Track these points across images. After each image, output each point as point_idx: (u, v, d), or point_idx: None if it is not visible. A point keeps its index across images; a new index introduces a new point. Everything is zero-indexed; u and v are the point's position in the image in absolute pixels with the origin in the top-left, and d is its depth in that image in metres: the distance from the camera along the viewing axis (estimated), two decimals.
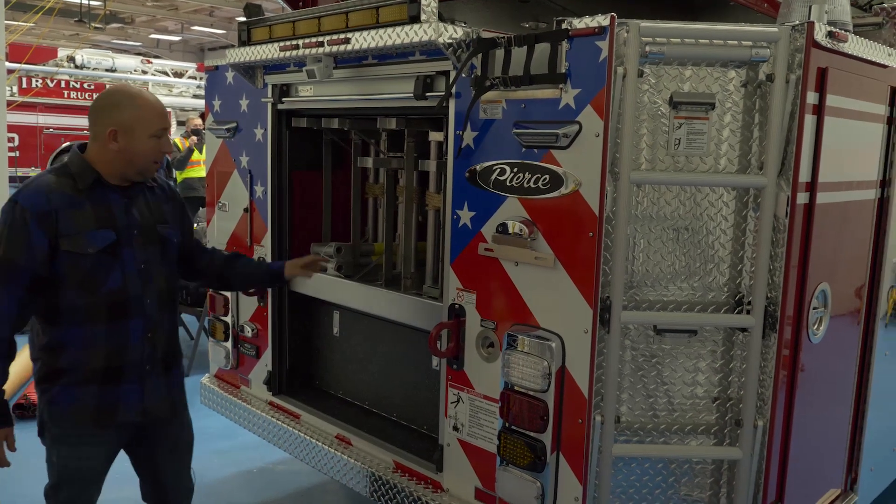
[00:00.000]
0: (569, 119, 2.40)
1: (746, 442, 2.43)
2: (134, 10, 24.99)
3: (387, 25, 2.77)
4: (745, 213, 2.43)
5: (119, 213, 2.54)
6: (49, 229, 2.40)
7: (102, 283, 2.49)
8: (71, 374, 2.52)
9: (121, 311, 2.53)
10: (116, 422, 2.60)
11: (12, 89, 15.98)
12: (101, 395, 2.55)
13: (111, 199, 2.53)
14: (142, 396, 2.62)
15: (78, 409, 2.54)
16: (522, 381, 2.56)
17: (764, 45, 2.29)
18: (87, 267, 2.46)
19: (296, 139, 3.76)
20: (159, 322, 2.65)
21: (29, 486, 4.37)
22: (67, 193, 2.45)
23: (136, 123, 2.49)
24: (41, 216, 2.39)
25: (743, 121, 2.39)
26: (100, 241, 2.47)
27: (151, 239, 2.63)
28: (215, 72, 4.01)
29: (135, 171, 2.56)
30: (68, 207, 2.43)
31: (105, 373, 2.54)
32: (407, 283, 3.44)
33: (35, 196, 2.42)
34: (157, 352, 2.66)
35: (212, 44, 31.39)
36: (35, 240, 2.39)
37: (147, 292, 2.59)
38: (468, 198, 2.74)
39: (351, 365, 3.78)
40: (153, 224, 2.64)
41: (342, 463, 3.37)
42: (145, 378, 2.63)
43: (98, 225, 2.48)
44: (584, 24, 2.34)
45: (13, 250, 2.39)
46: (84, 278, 2.46)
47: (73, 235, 2.43)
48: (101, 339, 2.52)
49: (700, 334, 2.48)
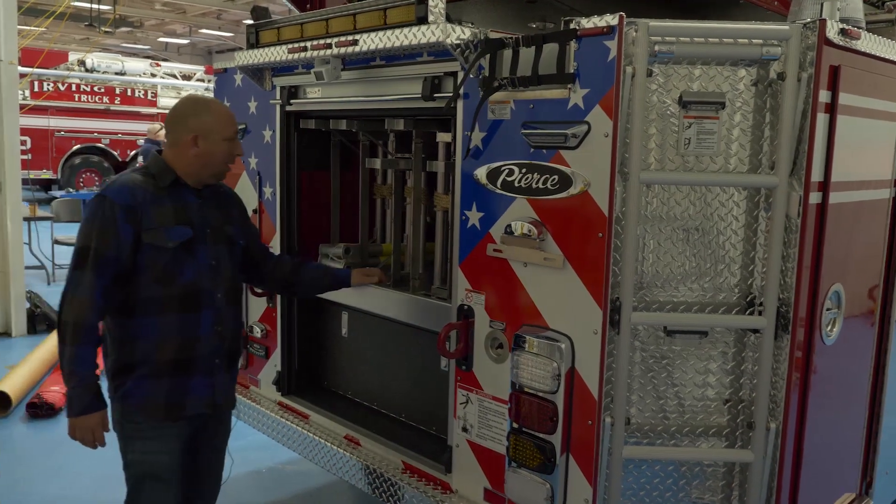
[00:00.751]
0: (577, 119, 2.39)
1: (759, 444, 2.41)
2: (143, 14, 25.14)
3: (394, 27, 2.76)
4: (757, 213, 2.41)
5: (194, 212, 2.71)
6: (134, 222, 2.56)
7: (178, 276, 2.64)
8: (143, 367, 2.63)
9: (193, 303, 2.67)
10: (187, 414, 2.72)
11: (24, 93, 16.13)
12: (172, 387, 2.67)
13: (187, 198, 2.72)
14: (212, 389, 2.77)
15: (150, 403, 2.65)
16: (532, 382, 2.55)
17: (775, 44, 2.27)
18: (166, 260, 2.61)
19: (304, 141, 3.76)
20: (227, 316, 2.79)
21: (39, 486, 4.40)
22: (150, 190, 2.63)
23: (213, 128, 2.68)
24: (128, 210, 2.55)
25: (753, 120, 2.37)
26: (178, 236, 2.63)
27: (221, 238, 2.80)
28: (224, 74, 4.02)
29: (210, 173, 2.75)
30: (151, 203, 2.61)
31: (176, 365, 2.66)
32: (415, 284, 3.44)
33: (122, 191, 2.59)
34: (224, 346, 2.79)
35: (219, 46, 31.54)
36: (122, 232, 2.54)
37: (217, 287, 2.74)
38: (476, 198, 2.73)
39: (360, 366, 3.78)
40: (222, 225, 2.83)
41: (351, 463, 3.37)
42: (215, 371, 2.77)
43: (177, 221, 2.65)
44: (593, 24, 2.32)
45: (103, 243, 2.53)
46: (162, 271, 2.61)
47: (154, 229, 2.59)
48: (173, 330, 2.64)
49: (711, 335, 2.45)
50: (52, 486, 4.41)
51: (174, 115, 2.74)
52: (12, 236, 7.26)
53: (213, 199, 2.83)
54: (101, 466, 4.47)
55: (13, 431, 5.16)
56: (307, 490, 4.46)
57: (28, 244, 8.97)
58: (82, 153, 18.43)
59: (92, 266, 2.52)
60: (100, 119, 18.43)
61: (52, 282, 9.73)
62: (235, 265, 2.89)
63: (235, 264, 2.89)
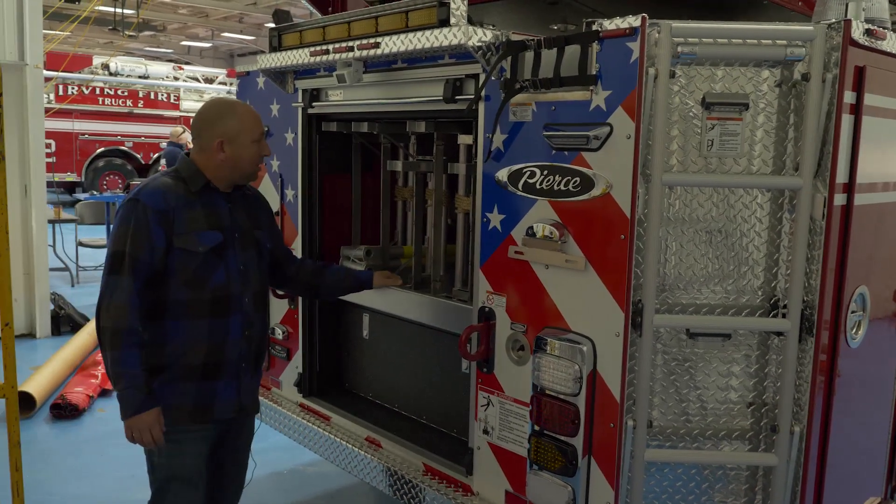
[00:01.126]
0: (599, 121, 2.38)
1: (783, 448, 2.39)
2: (166, 18, 25.41)
3: (416, 29, 2.78)
4: (781, 214, 2.39)
5: (224, 217, 2.72)
6: (167, 226, 2.58)
7: (208, 280, 2.65)
8: (172, 370, 2.64)
9: (222, 308, 2.68)
10: (213, 418, 2.73)
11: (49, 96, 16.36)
12: (199, 391, 2.68)
13: (218, 203, 2.72)
14: (238, 393, 2.78)
15: (177, 406, 2.65)
16: (553, 384, 2.54)
17: (799, 44, 2.25)
18: (196, 264, 2.62)
19: (326, 143, 3.79)
20: (255, 321, 2.80)
21: (62, 486, 4.46)
22: (182, 195, 2.65)
23: (240, 131, 2.68)
24: (160, 213, 2.57)
25: (777, 121, 2.35)
26: (209, 240, 2.65)
27: (250, 242, 2.81)
28: (246, 77, 4.06)
29: (240, 175, 2.74)
30: (183, 207, 2.62)
31: (204, 369, 2.67)
32: (436, 286, 3.44)
33: (155, 195, 2.61)
34: (252, 350, 2.81)
35: (241, 50, 31.79)
36: (155, 236, 2.56)
37: (245, 291, 2.75)
38: (498, 201, 2.74)
39: (381, 367, 3.80)
40: (251, 228, 2.83)
41: (372, 465, 3.38)
42: (241, 375, 2.77)
43: (208, 226, 2.66)
44: (615, 26, 2.32)
45: (137, 246, 2.55)
46: (192, 274, 2.62)
47: (186, 234, 2.60)
48: (202, 334, 2.65)
49: (734, 338, 2.44)
50: (75, 486, 4.46)
51: (199, 120, 2.74)
52: (37, 238, 7.35)
53: (242, 202, 2.84)
54: (124, 468, 4.54)
55: (37, 432, 5.22)
56: (328, 492, 4.48)
57: (52, 246, 9.09)
58: (106, 156, 18.65)
59: (128, 270, 2.53)
60: (123, 122, 18.65)
61: (77, 283, 9.85)
62: (263, 270, 2.89)
63: (263, 269, 2.89)
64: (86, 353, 6.58)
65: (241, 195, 2.85)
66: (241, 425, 2.93)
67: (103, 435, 5.10)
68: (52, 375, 5.93)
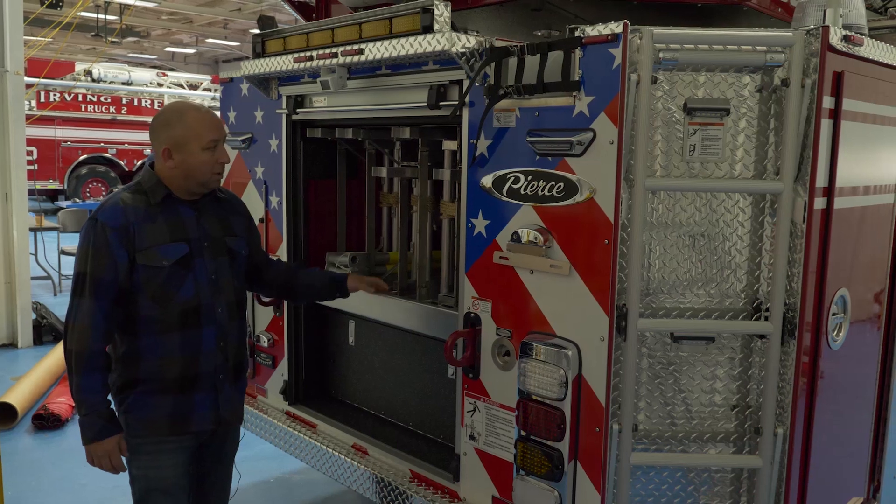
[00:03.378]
0: (583, 126, 2.40)
1: (766, 450, 2.41)
2: (149, 24, 25.27)
3: (400, 36, 2.78)
4: (762, 218, 2.41)
5: (190, 226, 2.63)
6: (127, 243, 2.50)
7: (176, 294, 2.57)
8: (147, 384, 2.59)
9: (194, 320, 2.61)
10: (191, 430, 2.67)
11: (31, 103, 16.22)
12: (176, 404, 2.62)
13: (182, 212, 2.63)
14: (217, 405, 2.70)
15: (153, 418, 2.61)
16: (539, 389, 2.55)
17: (779, 50, 2.28)
18: (162, 278, 2.55)
19: (310, 150, 3.78)
20: (229, 331, 2.72)
21: (45, 497, 4.40)
22: (142, 208, 2.56)
23: (188, 138, 2.56)
24: (119, 231, 2.50)
25: (758, 126, 2.38)
26: (173, 253, 2.56)
27: (220, 251, 2.71)
28: (230, 84, 4.05)
29: (196, 183, 2.63)
30: (143, 222, 2.54)
31: (180, 382, 2.61)
32: (422, 292, 3.44)
33: (113, 212, 2.53)
34: (229, 361, 2.73)
35: (226, 56, 31.68)
36: (116, 254, 2.49)
37: (218, 301, 2.67)
38: (482, 206, 2.74)
39: (367, 374, 3.79)
40: (222, 236, 2.73)
41: (358, 472, 3.37)
42: (219, 387, 2.70)
43: (171, 238, 2.57)
44: (598, 32, 2.34)
45: (99, 267, 2.49)
46: (158, 290, 2.55)
47: (147, 249, 2.53)
48: (175, 348, 2.59)
49: (718, 341, 2.46)
50: (58, 498, 4.41)
51: (151, 125, 2.65)
52: (18, 247, 7.28)
53: (213, 209, 2.74)
54: (107, 478, 4.40)
55: (19, 443, 5.15)
56: (315, 499, 4.45)
57: (34, 255, 9.00)
58: (89, 163, 18.50)
59: (90, 292, 2.48)
60: (106, 129, 18.52)
61: (59, 292, 9.76)
62: (238, 277, 2.80)
63: (238, 276, 2.80)
64: None
65: (211, 201, 2.74)
66: (224, 436, 2.86)
67: None
68: (34, 386, 5.86)
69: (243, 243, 2.83)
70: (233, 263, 2.76)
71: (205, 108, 2.69)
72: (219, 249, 2.70)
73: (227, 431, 2.86)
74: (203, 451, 2.81)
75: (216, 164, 2.63)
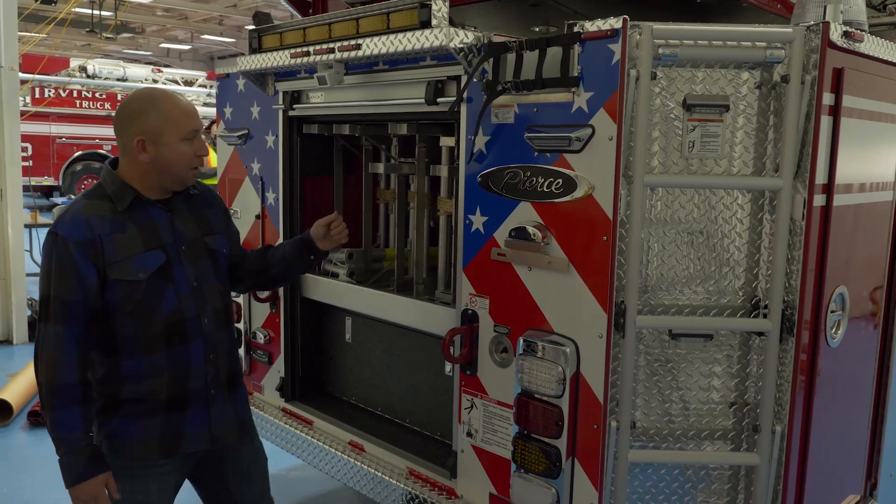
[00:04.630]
0: (581, 122, 2.39)
1: (764, 447, 2.40)
2: (144, 20, 25.20)
3: (397, 31, 2.77)
4: (761, 215, 2.41)
5: (164, 230, 2.37)
6: (95, 258, 2.23)
7: (157, 308, 2.32)
8: (133, 406, 2.36)
9: (179, 336, 2.37)
10: (183, 451, 2.43)
11: (25, 99, 16.16)
12: (166, 424, 2.38)
13: (153, 215, 2.36)
14: (208, 423, 2.45)
15: (142, 441, 2.37)
16: (537, 386, 2.54)
17: (778, 46, 2.27)
18: (140, 293, 2.29)
19: (307, 146, 3.76)
20: (218, 342, 2.48)
21: (41, 495, 4.39)
22: (107, 217, 2.28)
23: (164, 128, 2.28)
24: (84, 245, 2.22)
25: (757, 123, 2.37)
26: (150, 263, 2.31)
27: (201, 253, 2.46)
28: (226, 80, 4.02)
29: (172, 180, 2.37)
30: (111, 232, 2.26)
31: (169, 402, 2.38)
32: (419, 289, 3.43)
33: (75, 225, 2.25)
34: (221, 374, 2.49)
35: (221, 52, 31.60)
36: (83, 272, 2.22)
37: (203, 311, 2.42)
38: (480, 202, 2.73)
39: (364, 371, 3.78)
40: (201, 237, 2.48)
41: (355, 469, 3.36)
42: (211, 403, 2.46)
43: (145, 246, 2.31)
44: (597, 28, 2.32)
45: (64, 287, 2.22)
46: (137, 306, 2.30)
47: (120, 262, 2.26)
48: (162, 368, 2.35)
49: (716, 339, 2.45)
50: (54, 495, 4.37)
51: (118, 115, 2.35)
52: (13, 243, 7.26)
53: (186, 207, 2.47)
54: None
55: (14, 440, 5.14)
56: (311, 496, 4.45)
57: (29, 251, 8.96)
58: (84, 160, 18.45)
59: (56, 317, 2.22)
60: (101, 125, 18.43)
61: None
62: (222, 279, 2.55)
63: (222, 278, 2.55)
64: None
65: (184, 198, 2.47)
66: (234, 456, 2.61)
67: None
68: (30, 382, 5.83)
69: (224, 241, 2.58)
70: (216, 266, 2.51)
71: (176, 94, 2.42)
72: (199, 252, 2.45)
73: (235, 449, 2.60)
74: (200, 475, 2.60)
75: (195, 157, 2.36)
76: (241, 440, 2.62)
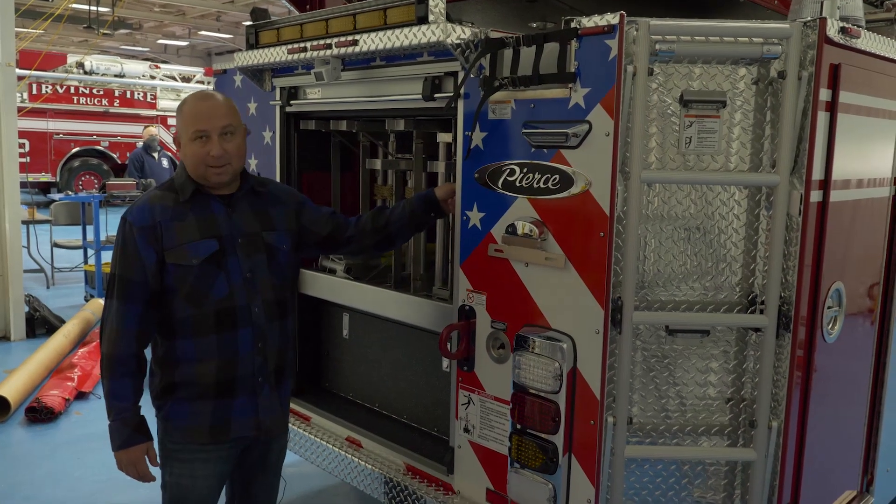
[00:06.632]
0: (578, 118, 2.39)
1: (761, 443, 2.41)
2: (142, 16, 25.12)
3: (394, 27, 2.76)
4: (758, 211, 2.41)
5: (221, 222, 2.53)
6: (155, 243, 2.45)
7: (208, 293, 2.48)
8: (185, 389, 2.53)
9: (229, 322, 2.51)
10: (231, 437, 2.58)
11: (22, 95, 16.13)
12: (216, 410, 2.53)
13: (214, 208, 2.54)
14: (256, 411, 2.59)
15: (193, 425, 2.54)
16: (534, 382, 2.54)
17: (775, 42, 2.27)
18: (193, 277, 2.47)
19: (304, 142, 3.76)
20: (269, 332, 2.59)
21: (39, 491, 4.39)
22: (170, 206, 2.50)
23: (181, 128, 2.51)
24: (147, 230, 2.45)
25: (754, 118, 2.37)
26: (202, 251, 2.47)
27: (257, 247, 2.59)
28: (223, 75, 4.02)
29: (196, 176, 2.52)
30: (171, 220, 2.47)
31: (217, 387, 2.52)
32: (416, 285, 3.43)
33: (141, 212, 2.49)
34: (269, 364, 2.61)
35: (219, 48, 31.54)
36: (144, 255, 2.44)
37: (253, 301, 2.55)
38: (477, 199, 2.73)
39: (361, 367, 3.78)
40: (258, 231, 2.60)
41: (352, 465, 3.37)
42: (258, 391, 2.59)
43: (201, 235, 2.49)
44: (594, 23, 2.32)
45: (128, 268, 2.45)
46: (191, 289, 2.48)
47: (176, 247, 2.46)
48: (211, 351, 2.50)
49: (712, 334, 2.45)
50: (52, 491, 4.39)
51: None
52: (11, 239, 7.24)
53: (249, 203, 2.62)
54: (101, 471, 4.48)
55: (12, 436, 5.14)
56: (309, 492, 4.45)
57: (27, 247, 8.96)
58: (81, 156, 18.44)
59: (120, 294, 2.44)
60: (99, 121, 18.44)
61: (52, 285, 9.71)
62: (278, 274, 2.64)
63: (278, 273, 2.64)
64: (61, 355, 6.48)
65: (247, 195, 2.62)
66: (267, 444, 2.74)
67: (80, 438, 5.03)
68: (28, 378, 5.84)
69: (284, 238, 2.68)
70: (271, 261, 2.62)
71: (207, 96, 2.57)
72: (255, 246, 2.58)
73: (269, 440, 2.73)
74: (245, 457, 2.72)
75: (207, 156, 2.46)
76: (283, 433, 2.81)
